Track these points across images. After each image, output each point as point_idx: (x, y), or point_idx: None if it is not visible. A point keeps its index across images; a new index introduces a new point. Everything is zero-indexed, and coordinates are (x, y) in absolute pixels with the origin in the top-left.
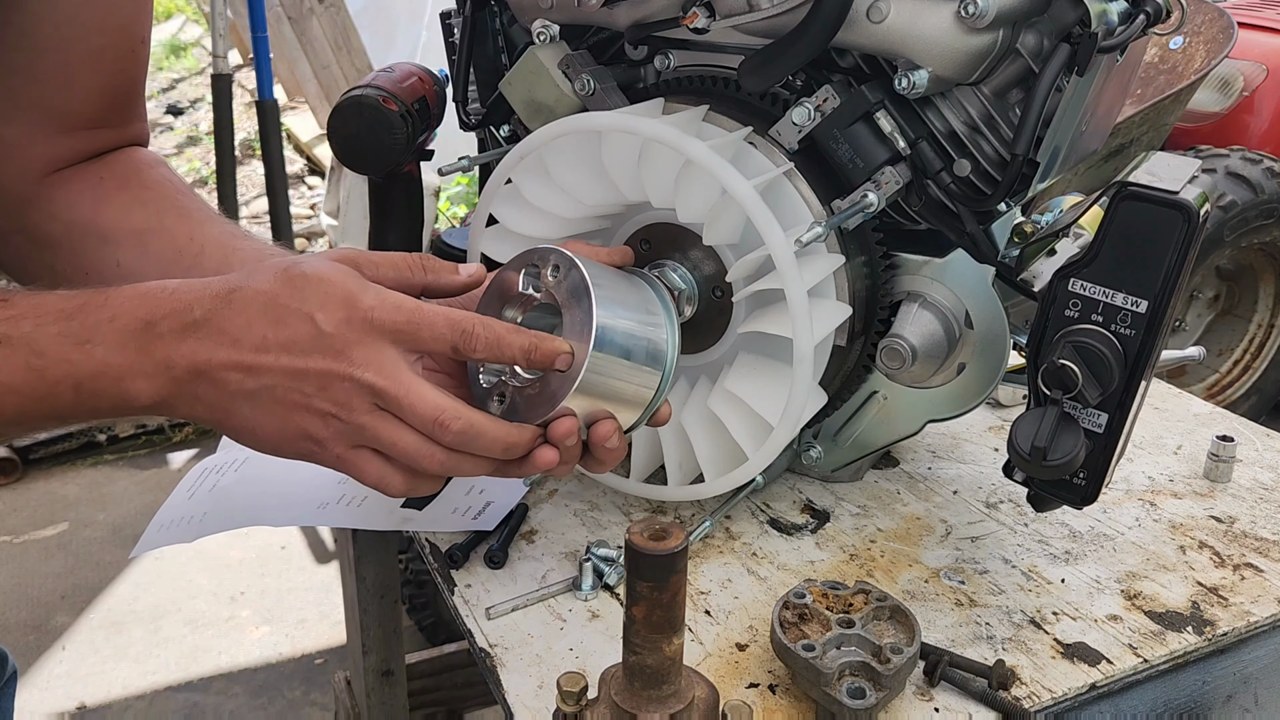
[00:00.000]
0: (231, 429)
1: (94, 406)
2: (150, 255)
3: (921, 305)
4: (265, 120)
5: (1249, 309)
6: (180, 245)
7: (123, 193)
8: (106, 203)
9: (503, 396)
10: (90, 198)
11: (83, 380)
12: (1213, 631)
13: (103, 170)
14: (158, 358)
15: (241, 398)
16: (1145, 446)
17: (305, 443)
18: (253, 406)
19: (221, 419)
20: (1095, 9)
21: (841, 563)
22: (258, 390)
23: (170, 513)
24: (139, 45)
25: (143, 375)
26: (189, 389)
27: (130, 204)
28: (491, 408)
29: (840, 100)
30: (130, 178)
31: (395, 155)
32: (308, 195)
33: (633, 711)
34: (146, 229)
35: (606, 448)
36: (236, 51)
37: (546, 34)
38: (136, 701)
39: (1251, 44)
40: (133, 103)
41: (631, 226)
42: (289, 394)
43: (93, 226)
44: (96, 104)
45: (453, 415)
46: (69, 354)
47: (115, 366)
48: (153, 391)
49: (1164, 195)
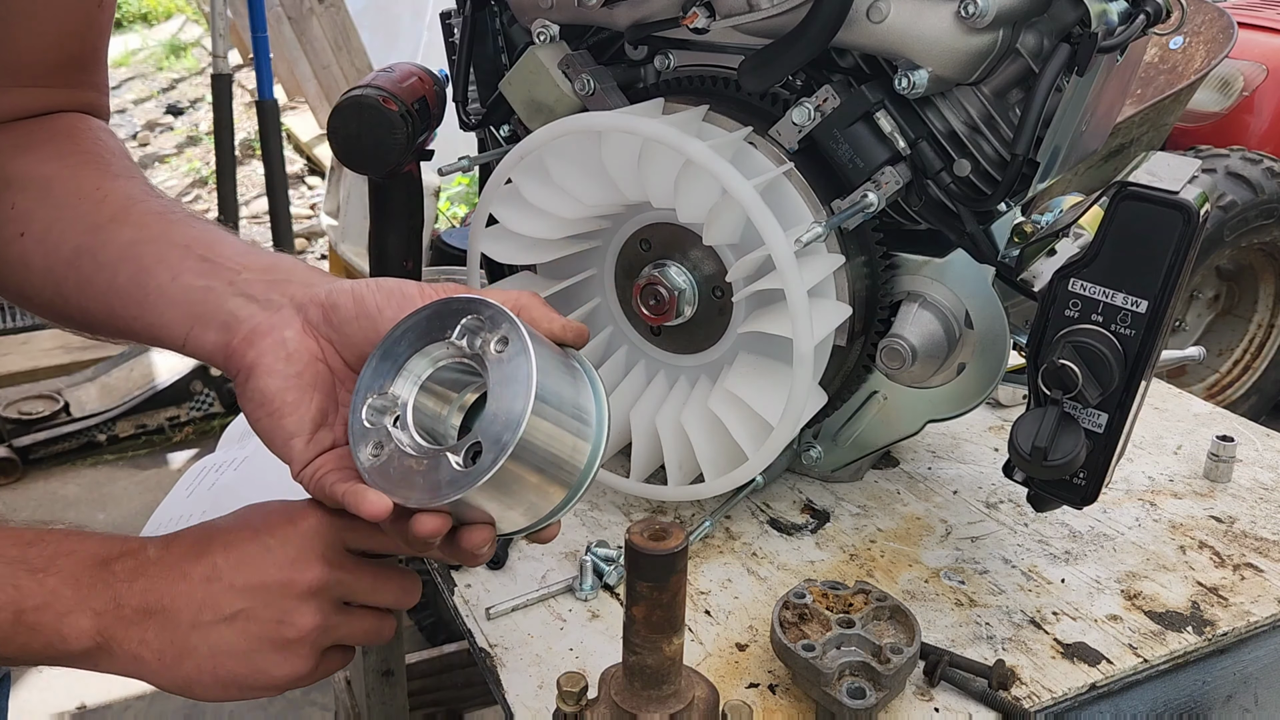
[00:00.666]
0: (181, 677)
1: (25, 643)
2: (49, 200)
3: (921, 305)
4: (265, 120)
5: (1249, 309)
6: (84, 192)
7: (47, 144)
8: (27, 152)
9: (379, 448)
10: (9, 146)
11: (26, 609)
12: (1213, 631)
13: (35, 125)
14: (108, 594)
15: (200, 637)
16: (1145, 446)
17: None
18: (215, 646)
19: (170, 666)
20: (1095, 9)
21: (841, 563)
22: (221, 620)
23: (169, 511)
24: (95, 8)
25: (88, 612)
26: (136, 633)
27: (49, 155)
28: (363, 454)
29: (840, 100)
30: (61, 132)
31: (395, 155)
32: (308, 195)
33: (633, 711)
34: (54, 176)
35: (473, 554)
36: (236, 51)
37: (546, 34)
38: (136, 701)
39: (1251, 44)
40: (87, 67)
41: (631, 226)
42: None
43: (1, 173)
44: (39, 62)
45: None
46: (20, 579)
47: (63, 599)
48: (93, 630)
49: (1164, 195)
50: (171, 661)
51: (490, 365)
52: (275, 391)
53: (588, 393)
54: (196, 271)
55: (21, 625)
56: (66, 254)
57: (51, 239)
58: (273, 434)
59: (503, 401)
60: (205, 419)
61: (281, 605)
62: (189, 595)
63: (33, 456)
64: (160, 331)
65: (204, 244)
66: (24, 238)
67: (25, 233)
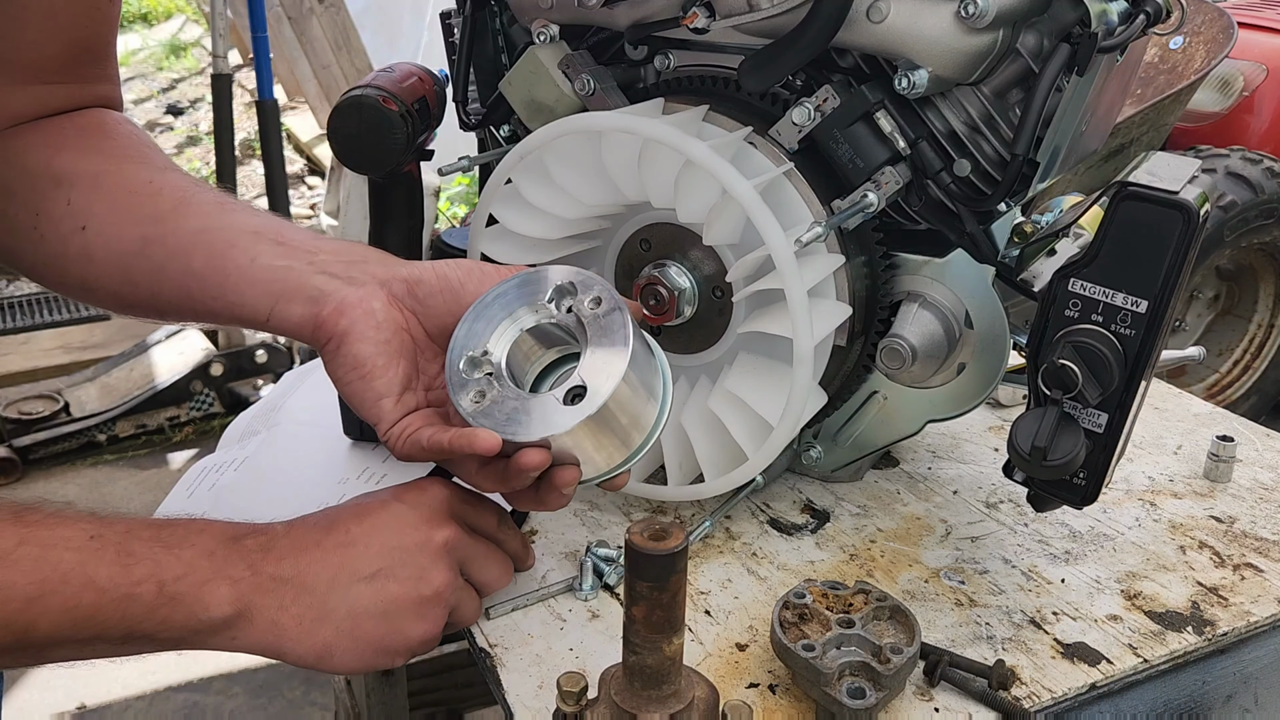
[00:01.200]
0: (321, 642)
1: (167, 617)
2: (102, 193)
3: (921, 305)
4: (265, 120)
5: (1249, 309)
6: (135, 186)
7: (82, 140)
8: (64, 149)
9: (481, 396)
10: (47, 144)
11: (166, 580)
12: (1213, 631)
13: (65, 123)
14: (247, 565)
15: (339, 597)
16: (1145, 446)
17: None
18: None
19: (310, 632)
20: (1095, 9)
21: (841, 563)
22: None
23: (170, 512)
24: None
25: (226, 580)
26: (275, 599)
27: (88, 150)
28: (465, 401)
29: (840, 100)
30: (92, 128)
31: (395, 155)
32: (308, 195)
33: (633, 711)
34: (101, 171)
35: (561, 493)
36: (236, 51)
37: (546, 34)
38: (136, 701)
39: (1251, 44)
40: (99, 60)
41: (631, 226)
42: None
43: (46, 170)
44: (55, 57)
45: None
46: (157, 554)
47: (201, 569)
48: (233, 598)
49: (1164, 195)
50: (310, 626)
51: (587, 321)
52: (367, 356)
53: (657, 355)
54: (273, 254)
55: (164, 597)
56: (133, 244)
57: (113, 231)
58: (363, 395)
59: (602, 349)
60: (205, 419)
61: (418, 562)
62: (324, 561)
63: (33, 456)
64: (241, 310)
65: (273, 229)
66: (85, 231)
67: (86, 226)
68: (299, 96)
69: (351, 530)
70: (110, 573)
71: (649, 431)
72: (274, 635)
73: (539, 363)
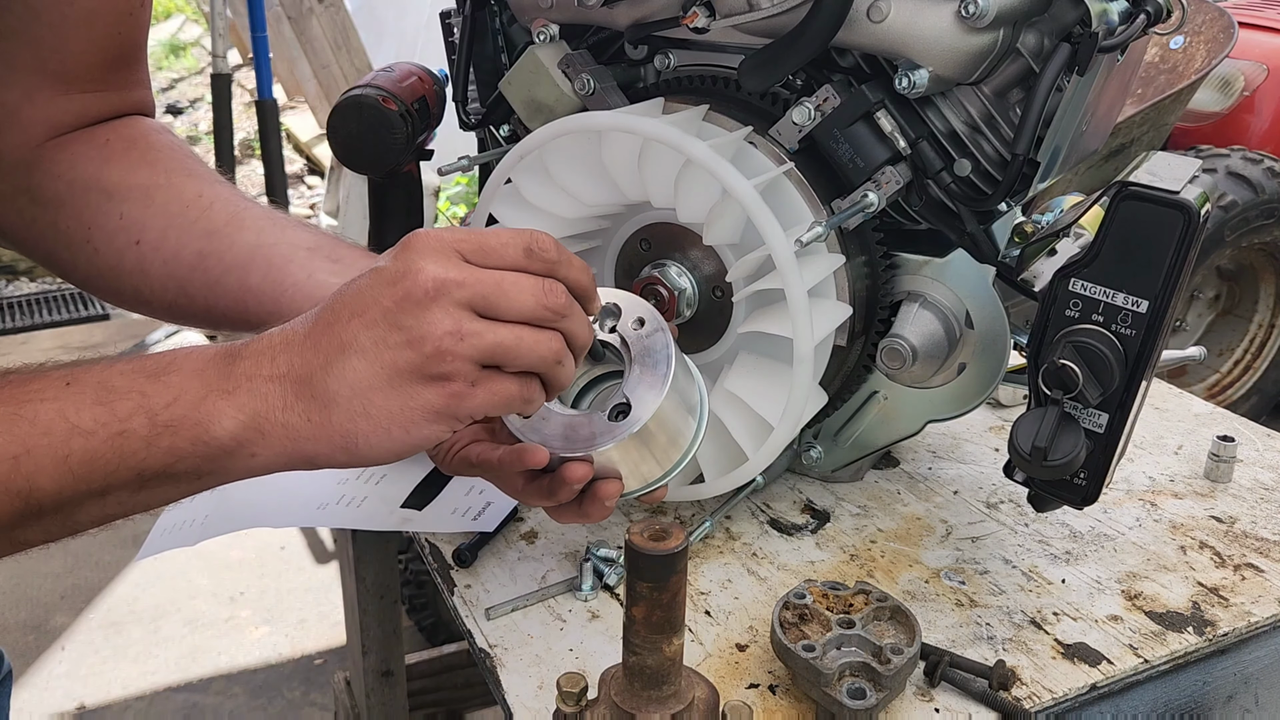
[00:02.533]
0: (338, 431)
1: (169, 445)
2: (155, 207)
3: (922, 305)
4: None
5: (1249, 309)
6: (187, 200)
7: (129, 153)
8: (112, 161)
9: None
10: (95, 156)
11: (157, 410)
12: (1213, 632)
13: (108, 133)
14: (239, 374)
15: (337, 377)
16: (1146, 446)
17: (430, 390)
18: (354, 383)
19: (322, 424)
20: (1096, 9)
21: (842, 563)
22: (352, 352)
23: (173, 516)
24: (138, 7)
25: (221, 394)
26: (278, 400)
27: (136, 163)
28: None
29: (840, 100)
30: (136, 140)
31: (395, 155)
32: (307, 195)
33: (632, 712)
34: (152, 184)
35: (603, 505)
36: (236, 51)
37: (546, 34)
38: (136, 702)
39: (1252, 44)
40: (132, 65)
41: (631, 226)
42: (388, 347)
43: (96, 183)
44: (95, 65)
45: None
46: (141, 385)
47: (191, 390)
48: (233, 410)
49: (1164, 195)
50: (320, 419)
51: (631, 340)
52: None
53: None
54: (328, 270)
55: (158, 427)
56: (189, 258)
57: (169, 245)
58: None
59: (645, 369)
60: None
61: (404, 320)
62: (314, 348)
63: None
64: None
65: (326, 247)
66: (140, 245)
67: (140, 240)
68: (298, 96)
69: (331, 308)
70: (94, 414)
71: (686, 448)
72: (290, 439)
73: (582, 379)
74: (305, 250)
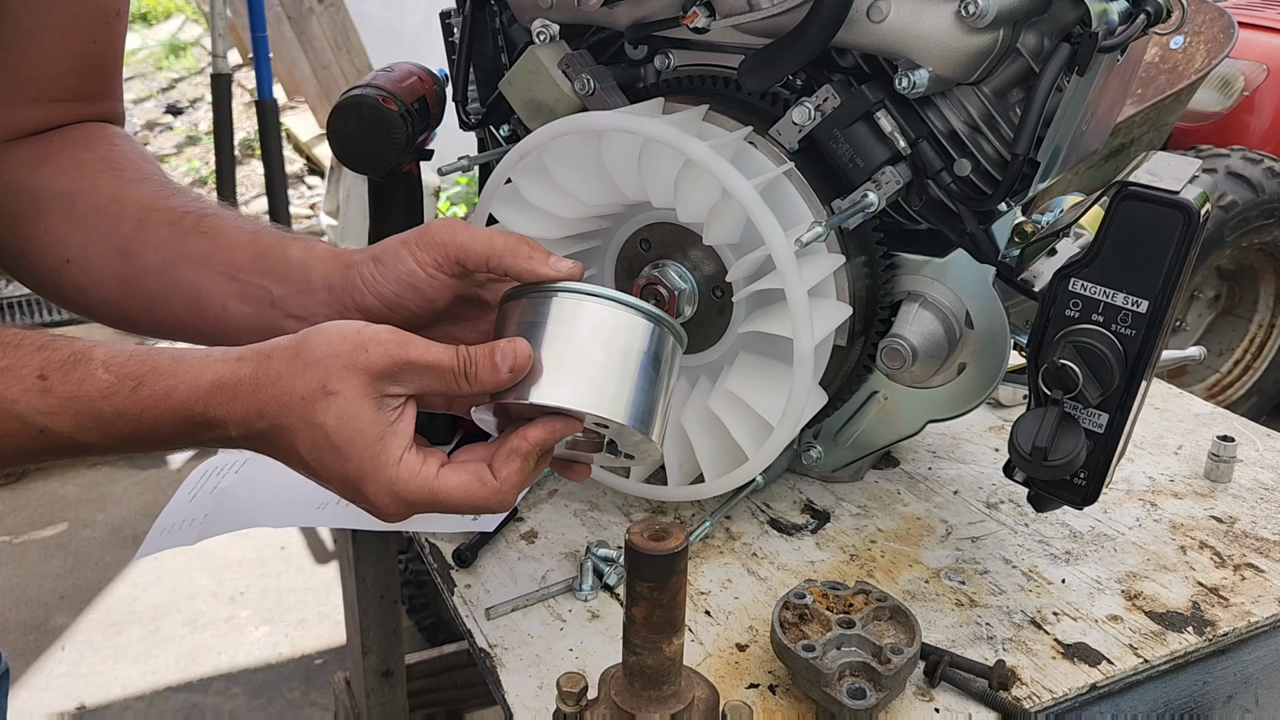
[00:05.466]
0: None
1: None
2: (76, 218)
3: (922, 305)
4: (265, 120)
5: (1249, 309)
6: (102, 205)
7: (63, 155)
8: (46, 163)
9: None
10: (31, 158)
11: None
12: (1213, 632)
13: (55, 136)
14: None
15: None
16: (1146, 446)
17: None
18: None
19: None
20: (1096, 9)
21: (842, 563)
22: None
23: (173, 516)
24: (114, 18)
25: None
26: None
27: (67, 166)
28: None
29: (840, 100)
30: (78, 142)
31: (395, 155)
32: (307, 195)
33: (632, 712)
34: (75, 190)
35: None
36: (236, 51)
37: (546, 34)
38: (136, 702)
39: (1252, 43)
40: (106, 77)
41: (631, 226)
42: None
43: (26, 190)
44: (68, 76)
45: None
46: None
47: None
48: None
49: (1164, 195)
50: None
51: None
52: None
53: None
54: (239, 297)
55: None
56: (113, 283)
57: (93, 268)
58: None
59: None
60: None
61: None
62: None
63: None
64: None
65: (224, 262)
66: (70, 265)
67: (70, 260)
68: (298, 96)
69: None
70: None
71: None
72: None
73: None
74: (209, 273)
